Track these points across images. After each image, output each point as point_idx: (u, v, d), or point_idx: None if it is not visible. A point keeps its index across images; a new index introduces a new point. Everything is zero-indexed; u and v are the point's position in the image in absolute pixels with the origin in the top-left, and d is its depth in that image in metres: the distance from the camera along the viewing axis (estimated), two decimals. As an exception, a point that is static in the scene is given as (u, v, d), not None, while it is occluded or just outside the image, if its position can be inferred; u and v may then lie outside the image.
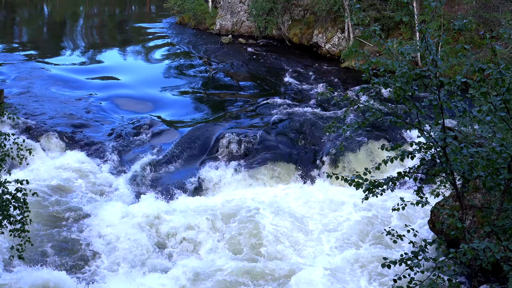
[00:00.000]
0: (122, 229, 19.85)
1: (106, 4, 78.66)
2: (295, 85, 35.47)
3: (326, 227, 20.94)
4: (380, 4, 39.00)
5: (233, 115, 30.31)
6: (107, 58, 44.56)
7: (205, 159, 25.26)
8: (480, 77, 9.94)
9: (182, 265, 18.13)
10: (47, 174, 23.56)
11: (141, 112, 31.30)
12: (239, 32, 50.22)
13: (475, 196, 17.29)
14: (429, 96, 10.49)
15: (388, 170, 22.77)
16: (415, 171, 11.22)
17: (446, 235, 16.26)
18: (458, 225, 10.70)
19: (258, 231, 20.24)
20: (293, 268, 18.17)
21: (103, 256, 18.83)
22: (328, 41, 42.06)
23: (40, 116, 28.56)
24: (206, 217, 20.68)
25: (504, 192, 10.75)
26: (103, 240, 19.49)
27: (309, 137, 26.59)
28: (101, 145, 26.35)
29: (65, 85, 34.93)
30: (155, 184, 23.81)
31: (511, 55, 26.93)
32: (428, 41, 10.36)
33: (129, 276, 17.75)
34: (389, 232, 11.36)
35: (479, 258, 10.15)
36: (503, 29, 10.07)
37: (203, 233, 20.06)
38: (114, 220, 20.37)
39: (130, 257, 18.62)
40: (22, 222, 13.87)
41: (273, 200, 22.46)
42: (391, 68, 10.54)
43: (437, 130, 10.93)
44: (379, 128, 26.65)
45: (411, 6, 10.33)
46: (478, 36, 35.07)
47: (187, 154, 25.62)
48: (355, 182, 10.96)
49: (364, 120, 11.04)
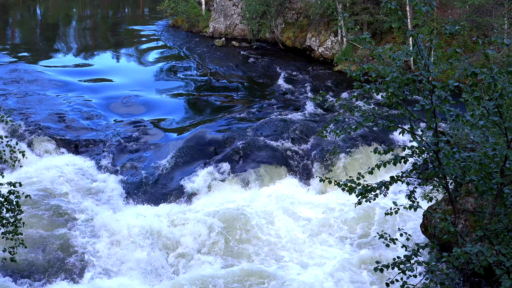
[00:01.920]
0: (114, 233, 19.79)
1: (99, 7, 78.48)
2: (288, 89, 35.48)
3: (323, 230, 20.96)
4: (373, 8, 39.08)
5: (226, 118, 30.27)
6: (100, 61, 44.47)
7: (198, 162, 25.20)
8: (473, 82, 9.98)
9: (176, 270, 18.08)
10: (39, 176, 23.46)
11: (134, 114, 31.24)
12: (232, 35, 50.21)
13: (467, 200, 17.34)
14: (421, 101, 10.52)
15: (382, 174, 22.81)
16: (407, 175, 11.25)
17: (438, 239, 16.29)
18: (451, 229, 10.73)
19: (254, 235, 20.25)
20: (292, 271, 18.19)
21: (95, 261, 18.71)
22: (321, 45, 42.10)
23: (32, 118, 28.47)
24: (200, 221, 20.64)
25: (497, 196, 10.78)
26: (94, 244, 19.41)
27: (302, 141, 26.61)
28: (93, 148, 26.30)
29: (58, 88, 34.82)
30: (147, 187, 23.75)
31: (504, 59, 27.01)
32: (419, 45, 10.39)
33: (122, 282, 17.70)
34: (382, 236, 11.40)
35: (472, 262, 10.18)
36: (495, 37, 10.10)
37: (198, 238, 20.01)
38: (106, 224, 20.29)
39: (122, 263, 18.56)
40: (15, 224, 13.85)
41: (267, 204, 22.48)
42: (383, 73, 10.58)
43: (429, 134, 10.98)
44: (373, 132, 26.67)
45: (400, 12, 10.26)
46: (471, 41, 35.18)
47: (180, 157, 25.57)
48: (348, 187, 10.99)
49: (357, 124, 11.08)
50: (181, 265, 18.49)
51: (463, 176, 10.99)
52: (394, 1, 10.78)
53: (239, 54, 44.98)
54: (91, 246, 19.32)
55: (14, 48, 47.17)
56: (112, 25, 62.16)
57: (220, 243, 19.89)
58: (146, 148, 26.56)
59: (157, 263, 18.78)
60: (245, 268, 18.28)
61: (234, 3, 50.20)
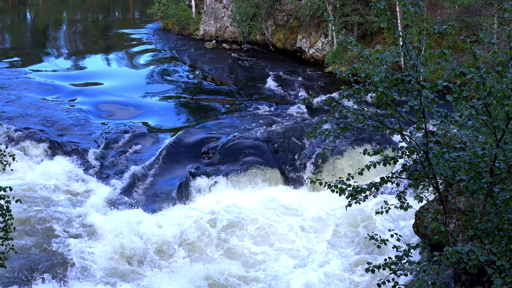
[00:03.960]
0: (106, 238, 19.71)
1: (89, 10, 78.37)
2: (279, 90, 35.50)
3: (315, 231, 20.98)
4: (363, 9, 39.12)
5: (217, 120, 30.26)
6: (91, 64, 44.35)
7: (189, 165, 25.19)
8: (462, 81, 9.98)
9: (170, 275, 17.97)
10: (30, 181, 23.39)
11: (125, 118, 31.19)
12: (223, 37, 50.19)
13: (459, 200, 17.36)
14: (410, 101, 10.52)
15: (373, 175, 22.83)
16: (398, 176, 11.25)
17: (430, 239, 16.31)
18: (442, 229, 10.74)
19: (245, 236, 20.24)
20: (287, 272, 18.19)
21: (83, 266, 18.56)
22: (312, 46, 42.14)
23: (23, 123, 28.37)
24: (192, 224, 20.60)
25: (487, 195, 10.80)
26: (86, 249, 19.25)
27: (293, 142, 26.60)
28: (84, 152, 26.22)
29: (49, 92, 34.73)
30: (139, 191, 23.71)
31: (493, 59, 27.08)
32: (408, 46, 10.40)
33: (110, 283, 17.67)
34: (372, 237, 11.40)
35: (463, 261, 10.19)
36: (483, 33, 10.12)
37: (190, 241, 19.98)
38: (97, 228, 20.21)
39: (113, 267, 18.48)
40: (5, 229, 13.72)
41: (258, 205, 22.44)
42: (372, 74, 10.57)
43: (419, 135, 10.98)
44: (362, 133, 26.71)
45: (389, 12, 10.25)
46: (461, 40, 35.28)
47: (171, 160, 25.54)
48: (338, 188, 10.99)
49: (347, 125, 11.06)
50: (171, 268, 18.42)
51: (453, 176, 10.99)
52: (383, 1, 10.79)
53: (229, 57, 44.98)
54: (80, 250, 19.15)
55: (4, 53, 46.99)
56: (102, 29, 62.04)
57: (211, 245, 19.86)
58: (136, 151, 26.50)
59: (144, 269, 18.64)
60: (236, 270, 18.25)
61: (225, 5, 50.19)
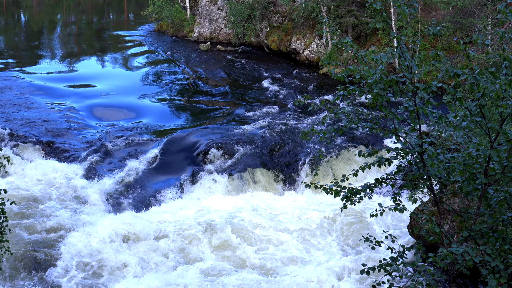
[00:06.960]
0: (100, 241, 19.66)
1: (83, 12, 78.28)
2: (273, 92, 35.49)
3: (311, 233, 20.96)
4: (357, 10, 39.16)
5: (211, 122, 30.25)
6: (85, 66, 44.28)
7: (184, 167, 25.14)
8: (456, 83, 10.00)
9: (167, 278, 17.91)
10: (23, 183, 23.35)
11: (120, 120, 31.14)
12: (217, 39, 50.18)
13: (454, 201, 17.39)
14: (405, 102, 10.54)
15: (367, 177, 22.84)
16: (392, 177, 11.26)
17: (424, 240, 16.32)
18: (436, 230, 10.75)
19: (240, 240, 20.20)
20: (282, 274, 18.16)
21: (81, 269, 18.53)
22: (307, 48, 42.15)
23: (17, 125, 28.29)
24: (189, 226, 20.57)
25: (481, 196, 10.80)
26: (79, 252, 19.20)
27: (288, 144, 26.58)
28: (79, 154, 26.16)
29: (43, 94, 34.63)
30: (134, 194, 23.66)
31: (487, 60, 27.15)
32: (402, 47, 10.41)
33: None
34: (367, 239, 11.41)
35: (458, 262, 10.20)
36: (477, 35, 10.14)
37: (186, 243, 19.93)
38: (91, 232, 20.13)
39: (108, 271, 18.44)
40: (0, 232, 13.68)
41: (253, 209, 22.42)
42: (367, 75, 10.58)
43: (413, 136, 10.99)
44: (357, 134, 26.72)
45: (384, 13, 10.27)
46: (455, 42, 35.36)
47: (166, 163, 25.49)
48: (333, 191, 10.98)
49: (342, 127, 11.06)
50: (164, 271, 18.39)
51: (447, 177, 11.01)
52: (379, 1, 10.80)
53: (224, 58, 44.96)
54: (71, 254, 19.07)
55: (-2, 55, 46.93)
56: (96, 31, 61.98)
57: (205, 247, 19.82)
58: (130, 153, 26.42)
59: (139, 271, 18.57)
60: (231, 274, 18.22)
61: (219, 7, 50.18)
